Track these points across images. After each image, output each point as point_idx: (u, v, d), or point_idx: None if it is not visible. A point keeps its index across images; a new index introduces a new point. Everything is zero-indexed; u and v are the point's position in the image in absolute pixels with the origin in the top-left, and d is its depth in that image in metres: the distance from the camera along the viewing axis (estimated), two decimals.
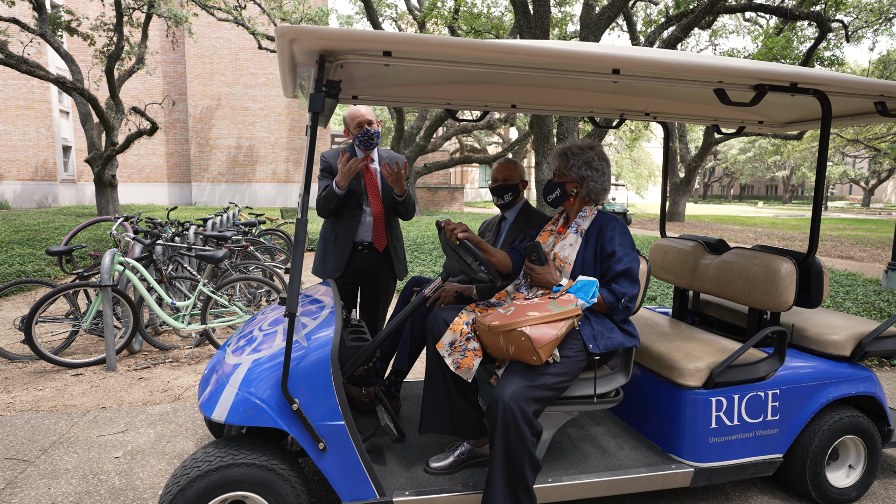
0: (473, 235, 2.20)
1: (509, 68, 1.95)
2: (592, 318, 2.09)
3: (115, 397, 3.54)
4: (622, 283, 2.11)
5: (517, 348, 1.86)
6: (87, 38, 13.48)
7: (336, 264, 3.00)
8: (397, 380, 2.64)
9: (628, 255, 2.15)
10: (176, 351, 4.64)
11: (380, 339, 2.16)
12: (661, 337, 2.59)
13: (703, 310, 3.22)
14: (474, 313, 2.15)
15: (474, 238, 2.21)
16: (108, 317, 4.00)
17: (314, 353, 1.85)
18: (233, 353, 2.03)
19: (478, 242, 2.25)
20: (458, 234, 2.15)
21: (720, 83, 2.17)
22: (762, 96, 2.18)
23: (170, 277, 4.82)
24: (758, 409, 2.31)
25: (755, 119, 3.40)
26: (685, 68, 1.98)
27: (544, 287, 2.17)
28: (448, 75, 2.59)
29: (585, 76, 2.04)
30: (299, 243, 1.70)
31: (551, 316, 1.86)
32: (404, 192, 2.97)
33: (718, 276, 2.77)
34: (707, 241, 3.10)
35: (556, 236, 2.33)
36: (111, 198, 15.29)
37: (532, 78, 2.63)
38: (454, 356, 2.02)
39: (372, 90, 2.74)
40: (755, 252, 2.65)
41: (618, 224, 2.20)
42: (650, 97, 3.03)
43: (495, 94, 2.89)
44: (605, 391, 2.13)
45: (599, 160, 2.27)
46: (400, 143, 17.06)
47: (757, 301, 2.51)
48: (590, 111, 3.17)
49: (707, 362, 2.29)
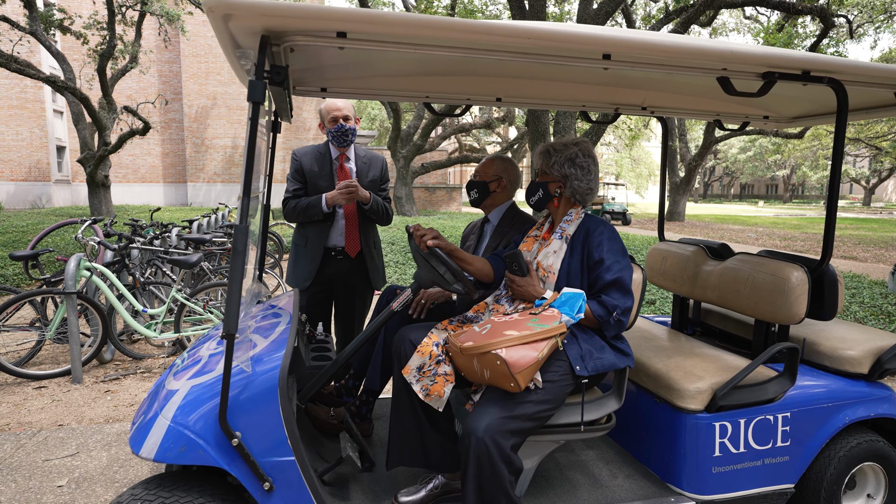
0: (446, 243, 1.97)
1: (487, 53, 1.72)
2: (580, 336, 1.86)
3: (75, 413, 3.31)
4: (613, 294, 1.88)
5: (493, 373, 1.63)
6: (80, 36, 13.27)
7: (306, 272, 2.77)
8: (369, 399, 2.41)
9: (618, 262, 1.91)
10: (150, 360, 4.41)
11: (342, 359, 1.93)
12: (659, 352, 2.36)
13: (704, 319, 2.99)
14: (446, 332, 1.91)
15: (447, 246, 1.98)
16: (73, 326, 3.77)
17: (260, 380, 1.62)
18: (174, 376, 1.80)
19: (451, 251, 2.01)
20: (428, 241, 1.91)
21: (724, 70, 1.94)
22: (771, 86, 1.95)
23: (145, 283, 4.59)
24: (766, 434, 2.07)
25: (760, 114, 3.16)
26: (686, 53, 1.74)
27: (526, 300, 1.94)
28: (426, 65, 2.36)
29: (572, 62, 1.80)
30: (238, 254, 1.47)
31: (532, 335, 1.63)
32: (367, 201, 2.76)
33: (722, 284, 2.53)
34: (709, 245, 2.87)
35: (541, 243, 2.09)
36: (104, 198, 15.09)
37: (516, 67, 2.39)
38: (423, 382, 1.78)
39: (343, 81, 2.50)
40: (762, 258, 2.42)
41: (605, 228, 1.97)
42: (647, 90, 2.79)
43: (478, 87, 2.66)
44: (594, 417, 1.89)
45: (584, 157, 2.04)
46: (397, 143, 16.84)
47: (764, 313, 2.28)
48: (581, 105, 2.94)
49: (709, 382, 2.05)
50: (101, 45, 13.99)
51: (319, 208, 2.69)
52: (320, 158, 2.81)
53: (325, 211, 2.71)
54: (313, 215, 2.72)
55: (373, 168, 2.88)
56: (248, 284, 2.15)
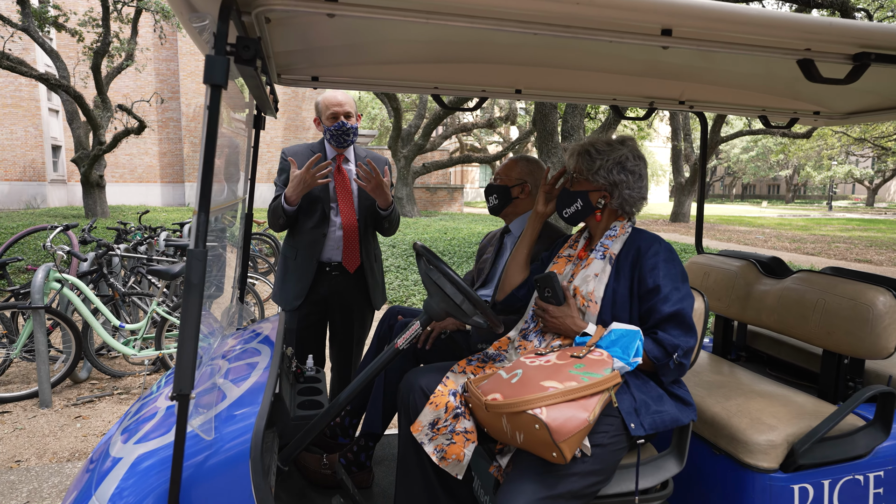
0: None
1: (515, 25, 1.35)
2: (632, 382, 1.49)
3: (38, 445, 2.94)
4: (671, 330, 1.51)
5: (529, 438, 1.26)
6: (75, 33, 12.92)
7: (296, 290, 2.39)
8: (368, 444, 2.04)
9: (678, 290, 1.54)
10: (131, 378, 4.04)
11: (335, 410, 1.55)
12: (711, 389, 1.99)
13: (751, 343, 2.62)
14: (465, 375, 1.54)
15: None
16: (40, 344, 3.40)
17: (226, 447, 1.25)
18: (122, 433, 1.43)
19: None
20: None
21: (808, 51, 1.57)
22: (862, 70, 1.58)
23: (126, 294, 4.22)
24: (857, 499, 1.70)
25: (810, 109, 2.79)
26: (768, 25, 1.37)
27: (562, 335, 1.57)
28: (435, 50, 1.98)
29: (622, 38, 1.43)
30: (193, 288, 1.10)
31: (578, 389, 1.26)
32: (389, 205, 2.34)
33: (782, 307, 2.16)
34: (759, 259, 2.50)
35: (576, 263, 1.72)
36: (99, 199, 14.77)
37: (539, 55, 2.02)
38: (437, 441, 1.41)
39: (338, 69, 2.13)
40: (832, 278, 2.04)
41: (661, 247, 1.60)
42: (687, 81, 2.41)
43: (494, 77, 2.28)
44: (650, 485, 1.52)
45: (635, 159, 1.67)
46: (398, 143, 16.49)
47: (841, 344, 1.90)
48: (612, 98, 2.57)
49: (784, 434, 1.68)
50: (95, 43, 13.65)
51: (281, 208, 2.24)
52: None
53: (288, 210, 2.24)
54: (278, 217, 2.28)
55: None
56: (219, 313, 1.78)
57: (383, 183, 2.22)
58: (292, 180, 2.18)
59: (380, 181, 2.20)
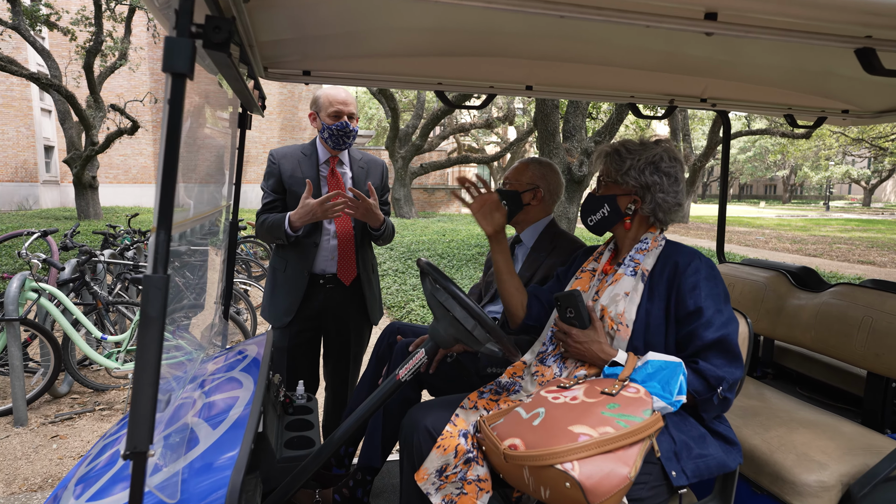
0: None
1: (535, 5, 1.14)
2: (669, 420, 1.29)
3: (8, 469, 2.73)
4: (714, 359, 1.31)
5: (557, 496, 1.06)
6: (67, 32, 12.69)
7: (286, 305, 2.18)
8: (365, 478, 1.84)
9: (721, 312, 1.34)
10: (115, 392, 3.83)
11: (327, 451, 1.35)
12: (747, 416, 1.79)
13: (779, 360, 2.43)
14: (477, 411, 1.34)
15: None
16: (15, 358, 3.19)
17: None
18: (77, 485, 1.22)
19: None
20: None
21: (868, 39, 1.37)
22: None
23: (110, 303, 4.00)
24: None
25: (839, 107, 2.60)
26: (828, 4, 1.18)
27: (588, 363, 1.38)
28: (439, 41, 1.79)
29: (660, 21, 1.23)
30: (151, 322, 0.89)
31: (617, 439, 1.06)
32: (380, 225, 2.16)
33: (820, 324, 1.97)
34: (790, 270, 2.31)
35: (601, 278, 1.53)
36: (91, 200, 14.54)
37: (556, 46, 1.82)
38: (446, 491, 1.21)
39: (332, 62, 1.92)
40: (880, 293, 1.85)
41: (702, 263, 1.40)
42: (710, 77, 2.23)
43: (503, 72, 2.09)
44: None
45: (671, 160, 1.47)
46: (395, 143, 16.29)
47: (893, 368, 1.71)
48: (630, 96, 2.38)
49: (837, 473, 1.49)
50: (88, 42, 13.42)
51: (283, 231, 2.08)
52: (305, 162, 2.21)
53: (290, 235, 2.08)
54: (278, 238, 2.12)
55: (372, 174, 2.29)
56: (198, 333, 1.57)
57: (371, 206, 2.05)
58: (302, 207, 2.01)
59: (367, 207, 2.04)
